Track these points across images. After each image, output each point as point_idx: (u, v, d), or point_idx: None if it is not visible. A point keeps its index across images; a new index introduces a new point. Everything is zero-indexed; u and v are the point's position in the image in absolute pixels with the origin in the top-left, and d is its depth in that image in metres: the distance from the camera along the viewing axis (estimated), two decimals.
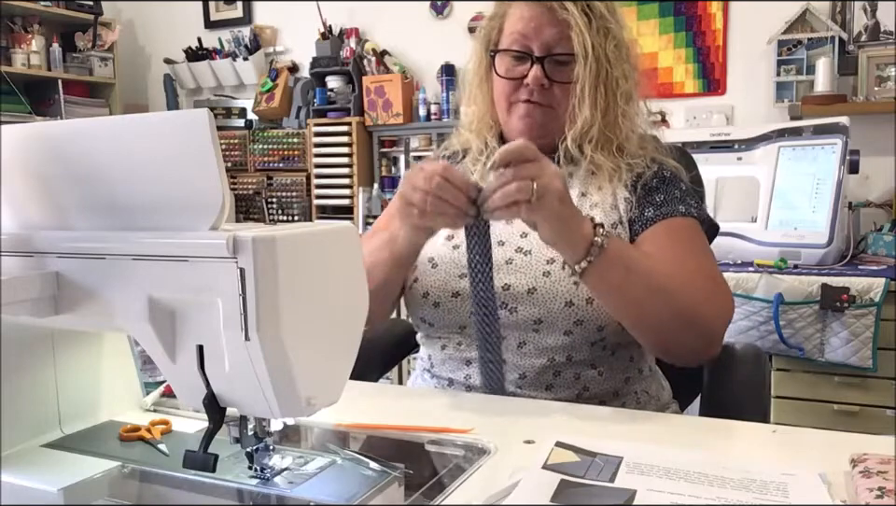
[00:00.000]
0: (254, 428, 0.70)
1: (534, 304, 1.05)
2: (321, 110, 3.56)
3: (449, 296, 1.09)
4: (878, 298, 2.08)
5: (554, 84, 1.12)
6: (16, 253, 0.71)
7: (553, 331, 1.05)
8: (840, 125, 2.36)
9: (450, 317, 1.09)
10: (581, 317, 1.03)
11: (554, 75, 1.12)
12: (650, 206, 1.10)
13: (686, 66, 2.99)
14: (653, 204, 1.10)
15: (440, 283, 1.10)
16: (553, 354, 1.05)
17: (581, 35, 1.09)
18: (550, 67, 1.11)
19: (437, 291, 1.10)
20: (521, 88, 1.13)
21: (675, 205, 1.10)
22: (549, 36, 1.11)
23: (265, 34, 3.83)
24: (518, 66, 1.14)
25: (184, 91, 4.06)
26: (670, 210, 1.09)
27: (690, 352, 1.03)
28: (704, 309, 1.00)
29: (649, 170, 1.13)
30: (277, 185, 3.71)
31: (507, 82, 1.15)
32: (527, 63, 1.12)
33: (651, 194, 1.11)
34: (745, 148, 2.55)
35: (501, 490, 0.66)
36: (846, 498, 0.64)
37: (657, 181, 1.13)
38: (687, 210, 1.10)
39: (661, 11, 3.00)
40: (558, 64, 1.11)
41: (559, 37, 1.10)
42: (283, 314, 0.61)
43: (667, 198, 1.11)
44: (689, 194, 1.13)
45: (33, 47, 3.63)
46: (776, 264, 2.29)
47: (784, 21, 2.77)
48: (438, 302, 1.10)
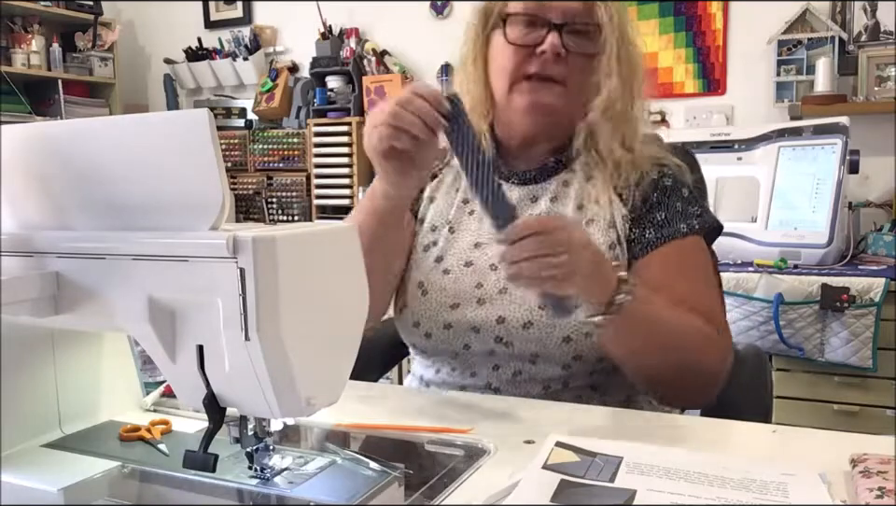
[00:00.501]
0: (254, 428, 0.70)
1: (530, 340, 1.00)
2: (321, 110, 3.55)
3: (441, 328, 1.05)
4: (878, 298, 2.08)
5: (571, 55, 1.01)
6: (16, 253, 0.71)
7: (551, 365, 1.02)
8: (840, 125, 2.36)
9: (443, 347, 1.06)
10: (580, 352, 1.00)
11: (572, 45, 1.02)
12: (650, 227, 1.04)
13: (686, 66, 2.99)
14: (654, 225, 1.04)
15: (431, 313, 1.06)
16: (550, 383, 1.03)
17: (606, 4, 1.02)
18: (568, 37, 1.01)
19: (428, 322, 1.06)
20: (530, 59, 1.03)
21: (676, 224, 1.04)
22: (569, 5, 1.01)
23: (265, 34, 3.83)
24: (531, 34, 1.03)
25: (184, 91, 4.06)
26: (671, 231, 1.03)
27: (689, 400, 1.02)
28: (706, 359, 0.96)
29: (647, 177, 1.06)
30: (277, 185, 3.71)
31: (514, 51, 1.03)
32: (542, 30, 1.02)
33: (653, 212, 1.05)
34: (745, 148, 2.55)
35: (501, 490, 0.66)
36: (846, 499, 0.64)
37: (658, 194, 1.06)
38: (689, 227, 1.04)
39: (661, 11, 3.00)
40: (577, 35, 1.02)
41: (579, 8, 1.02)
42: (283, 314, 0.61)
43: (669, 216, 1.05)
44: (691, 202, 1.07)
45: (33, 47, 3.63)
46: (776, 264, 2.29)
47: (784, 21, 2.77)
48: (429, 332, 1.06)
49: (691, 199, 1.08)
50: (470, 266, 1.07)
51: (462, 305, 1.04)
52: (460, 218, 1.12)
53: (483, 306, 1.03)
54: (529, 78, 1.03)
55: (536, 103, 1.04)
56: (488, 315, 1.03)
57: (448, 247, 1.10)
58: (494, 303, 1.03)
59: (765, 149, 2.50)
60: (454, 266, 1.08)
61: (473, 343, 1.04)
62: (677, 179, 1.08)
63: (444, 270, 1.08)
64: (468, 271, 1.06)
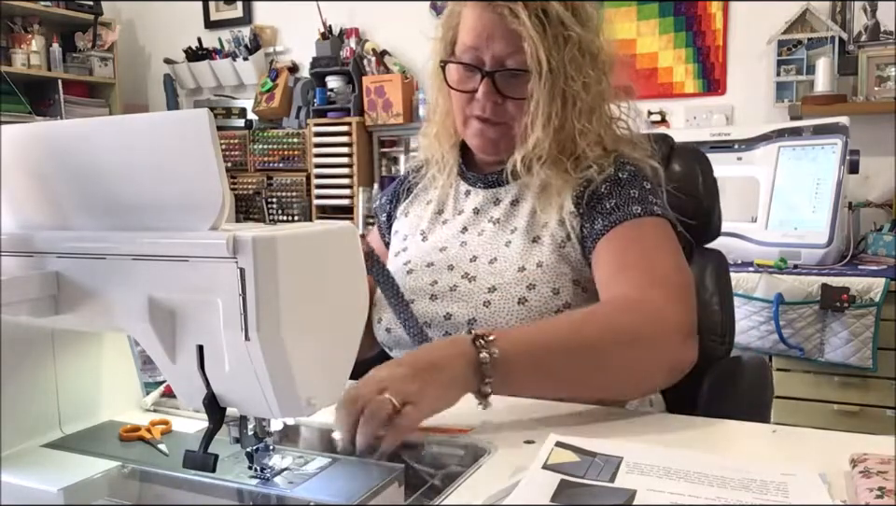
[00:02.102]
0: (254, 428, 0.70)
1: None
2: (321, 110, 3.56)
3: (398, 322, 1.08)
4: (878, 298, 2.08)
5: (508, 99, 1.05)
6: (16, 253, 0.71)
7: None
8: (840, 125, 2.37)
9: (401, 341, 1.09)
10: None
11: (507, 90, 1.05)
12: (599, 217, 1.02)
13: (686, 66, 2.99)
14: (602, 214, 1.02)
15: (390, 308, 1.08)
16: None
17: (534, 46, 1.00)
18: (502, 81, 1.04)
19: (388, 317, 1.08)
20: (472, 102, 1.07)
21: (629, 208, 1.01)
22: (500, 48, 1.03)
23: (265, 34, 3.83)
24: (469, 79, 1.06)
25: (184, 91, 4.07)
26: (621, 216, 1.00)
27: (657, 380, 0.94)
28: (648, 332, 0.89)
29: (601, 175, 1.05)
30: (277, 185, 3.71)
31: (459, 95, 1.08)
32: (477, 76, 1.05)
33: (602, 202, 1.03)
34: (745, 148, 2.55)
35: (501, 490, 0.66)
36: (846, 499, 0.63)
37: (609, 186, 1.04)
38: (646, 209, 1.01)
39: (661, 11, 3.00)
40: (511, 78, 1.04)
41: (512, 49, 1.02)
42: (283, 314, 0.61)
43: (620, 202, 1.02)
44: (654, 193, 1.04)
45: (33, 47, 3.63)
46: (776, 264, 2.29)
47: (784, 21, 2.77)
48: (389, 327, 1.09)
49: (652, 190, 1.05)
50: (431, 266, 1.11)
51: (417, 301, 1.08)
52: (433, 228, 1.17)
53: (434, 302, 1.07)
54: (476, 119, 1.08)
55: (482, 144, 1.10)
56: (438, 311, 1.06)
57: (416, 251, 1.15)
58: (444, 300, 1.06)
59: (765, 149, 2.51)
60: (417, 266, 1.12)
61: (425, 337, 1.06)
62: (636, 173, 1.06)
63: (408, 270, 1.12)
64: (427, 270, 1.10)
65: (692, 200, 1.24)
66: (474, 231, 1.12)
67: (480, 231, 1.11)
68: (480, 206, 1.13)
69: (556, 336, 0.88)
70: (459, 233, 1.13)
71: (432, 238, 1.16)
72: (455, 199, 1.17)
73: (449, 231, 1.14)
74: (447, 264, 1.09)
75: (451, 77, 1.09)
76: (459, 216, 1.15)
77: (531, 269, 1.03)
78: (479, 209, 1.13)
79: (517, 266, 1.04)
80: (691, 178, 1.26)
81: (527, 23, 0.99)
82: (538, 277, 1.02)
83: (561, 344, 0.87)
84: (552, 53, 1.01)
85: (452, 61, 1.09)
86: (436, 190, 1.19)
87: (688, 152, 1.30)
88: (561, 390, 0.88)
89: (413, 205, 1.23)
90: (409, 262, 1.13)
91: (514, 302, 1.01)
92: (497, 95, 1.05)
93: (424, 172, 1.23)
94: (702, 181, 1.26)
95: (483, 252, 1.08)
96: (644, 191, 1.04)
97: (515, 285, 1.02)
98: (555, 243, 1.04)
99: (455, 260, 1.09)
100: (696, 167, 1.27)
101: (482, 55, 1.04)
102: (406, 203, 1.24)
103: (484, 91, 1.04)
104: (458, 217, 1.15)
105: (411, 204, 1.23)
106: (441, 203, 1.18)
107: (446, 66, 1.10)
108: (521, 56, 1.02)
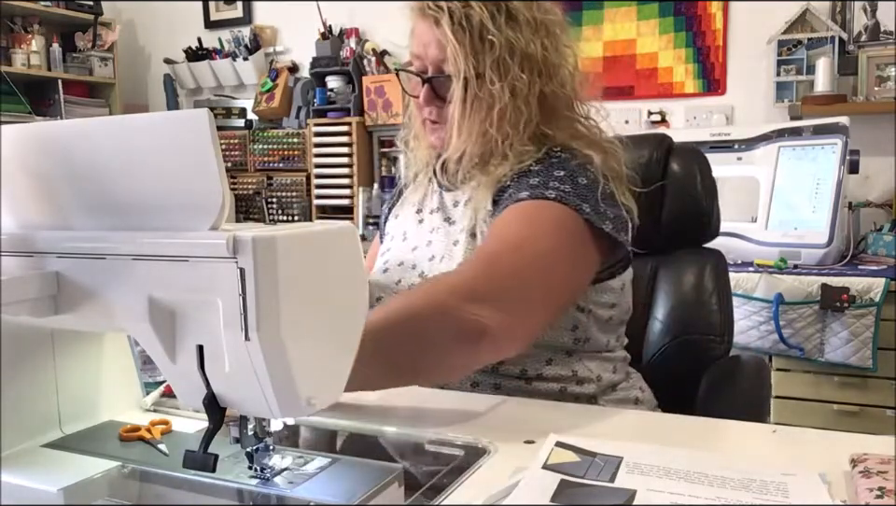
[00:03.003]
0: (254, 428, 0.70)
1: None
2: (321, 110, 3.56)
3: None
4: (878, 298, 2.08)
5: (448, 103, 1.09)
6: (16, 253, 0.71)
7: None
8: (840, 125, 2.37)
9: None
10: None
11: (444, 93, 1.09)
12: (518, 188, 1.02)
13: (686, 66, 2.99)
14: (523, 187, 1.01)
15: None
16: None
17: (453, 52, 1.04)
18: (439, 86, 1.09)
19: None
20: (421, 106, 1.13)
21: (545, 188, 0.98)
22: (434, 55, 1.08)
23: (265, 34, 3.83)
24: (417, 85, 1.13)
25: (184, 91, 4.07)
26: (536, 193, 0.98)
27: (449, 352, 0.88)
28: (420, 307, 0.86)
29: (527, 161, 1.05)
30: (277, 185, 3.71)
31: (415, 101, 1.15)
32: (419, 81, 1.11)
33: (526, 177, 1.03)
34: (745, 148, 2.55)
35: (501, 490, 0.66)
36: (846, 499, 0.63)
37: (539, 166, 1.04)
38: (559, 196, 0.97)
39: (661, 11, 3.00)
40: (447, 82, 1.08)
41: (444, 55, 1.06)
42: (283, 314, 0.61)
43: (542, 180, 1.00)
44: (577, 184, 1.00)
45: (33, 47, 3.63)
46: (776, 264, 2.29)
47: (784, 21, 2.77)
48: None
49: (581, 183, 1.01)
50: (401, 265, 1.16)
51: (383, 299, 1.12)
52: (412, 227, 1.22)
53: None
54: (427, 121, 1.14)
55: (437, 143, 1.14)
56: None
57: (395, 251, 1.20)
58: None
59: (765, 149, 2.51)
60: (391, 265, 1.17)
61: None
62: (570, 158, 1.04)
63: (384, 269, 1.17)
64: (398, 269, 1.15)
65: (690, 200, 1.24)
66: (435, 231, 1.16)
67: (436, 228, 1.16)
68: (441, 206, 1.18)
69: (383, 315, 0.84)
70: (428, 233, 1.17)
71: (409, 238, 1.20)
72: (430, 199, 1.21)
73: (421, 231, 1.19)
74: (412, 263, 1.14)
75: (405, 85, 1.16)
76: (431, 215, 1.19)
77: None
78: (440, 209, 1.18)
79: (458, 262, 1.07)
80: (689, 178, 1.27)
81: (447, 31, 1.03)
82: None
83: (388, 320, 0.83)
84: (475, 59, 1.03)
85: (401, 69, 1.16)
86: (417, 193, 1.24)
87: (686, 152, 1.30)
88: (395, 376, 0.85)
89: (402, 207, 1.27)
90: (387, 262, 1.18)
91: None
92: (436, 99, 1.10)
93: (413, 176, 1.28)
94: (700, 181, 1.27)
95: (438, 252, 1.13)
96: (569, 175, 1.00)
97: None
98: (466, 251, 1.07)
99: (418, 259, 1.14)
100: (695, 167, 1.28)
101: (424, 62, 1.10)
102: (398, 206, 1.29)
103: (424, 95, 1.10)
104: (430, 216, 1.19)
105: (401, 207, 1.27)
106: (420, 202, 1.22)
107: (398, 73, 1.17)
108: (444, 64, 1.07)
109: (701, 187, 1.27)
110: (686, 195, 1.25)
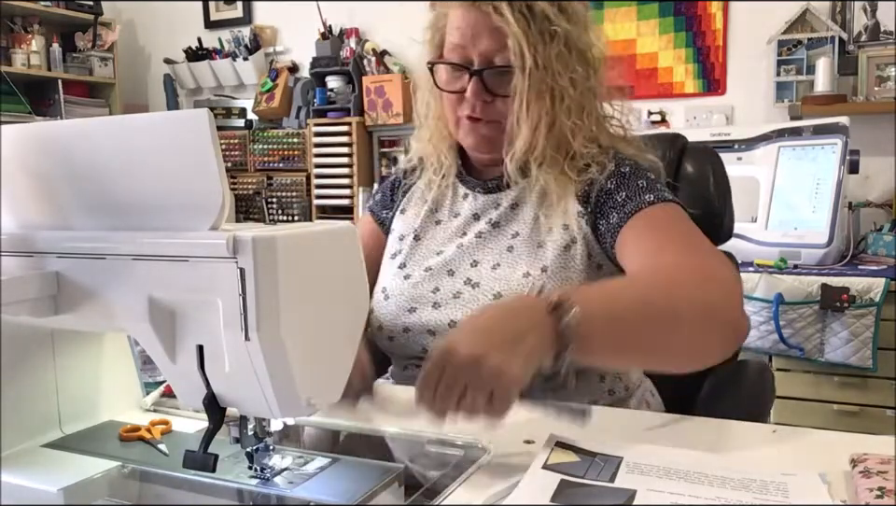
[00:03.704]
0: (254, 428, 0.70)
1: None
2: (321, 110, 3.55)
3: (400, 331, 1.07)
4: (878, 298, 2.08)
5: (497, 97, 1.04)
6: (16, 253, 0.71)
7: None
8: (840, 125, 2.36)
9: (404, 350, 1.09)
10: None
11: (495, 87, 1.03)
12: (613, 211, 1.01)
13: (686, 66, 2.99)
14: (616, 207, 1.01)
15: (391, 317, 1.08)
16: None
17: (517, 43, 0.99)
18: (490, 79, 1.03)
19: (389, 325, 1.08)
20: (462, 102, 1.06)
21: (641, 197, 1.00)
22: (486, 46, 1.02)
23: (265, 34, 3.83)
24: (458, 79, 1.06)
25: (184, 91, 4.06)
26: (635, 205, 1.00)
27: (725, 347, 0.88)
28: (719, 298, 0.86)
29: (603, 172, 1.04)
30: (277, 185, 3.71)
31: (449, 96, 1.07)
32: (465, 75, 1.04)
33: (612, 196, 1.02)
34: (745, 148, 2.55)
35: (501, 490, 0.66)
36: (846, 499, 0.64)
37: (615, 180, 1.03)
38: (657, 197, 1.00)
39: (661, 11, 3.00)
40: (499, 75, 1.02)
41: (498, 46, 1.01)
42: (283, 314, 0.61)
43: (630, 194, 1.01)
44: (658, 182, 1.04)
45: (33, 47, 3.63)
46: (776, 264, 2.29)
47: (784, 21, 2.77)
48: (391, 336, 1.09)
49: (658, 181, 1.05)
50: (429, 271, 1.09)
51: (419, 309, 1.06)
52: (426, 227, 1.15)
53: (438, 310, 1.05)
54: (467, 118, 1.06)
55: (475, 142, 1.08)
56: (442, 318, 1.04)
57: (412, 254, 1.13)
58: (448, 307, 1.04)
59: (765, 149, 2.51)
60: (414, 271, 1.10)
61: (430, 345, 1.04)
62: (638, 167, 1.06)
63: (405, 275, 1.10)
64: (426, 276, 1.09)
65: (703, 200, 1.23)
66: (471, 234, 1.10)
67: (477, 233, 1.09)
68: (479, 210, 1.12)
69: (633, 302, 0.82)
70: (455, 236, 1.11)
71: (425, 239, 1.14)
72: (453, 201, 1.16)
73: (444, 234, 1.13)
74: (447, 269, 1.08)
75: (440, 79, 1.09)
76: (455, 218, 1.14)
77: (536, 274, 1.01)
78: (478, 214, 1.12)
79: (522, 271, 1.02)
80: (702, 178, 1.25)
81: (511, 20, 0.99)
82: (543, 283, 1.00)
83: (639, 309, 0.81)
84: (537, 49, 1.00)
85: (439, 61, 1.08)
86: (432, 192, 1.17)
87: (699, 152, 1.29)
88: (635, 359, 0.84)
89: (409, 202, 1.21)
90: (404, 266, 1.11)
91: None
92: (486, 94, 1.04)
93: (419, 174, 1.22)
94: (713, 181, 1.25)
95: (484, 257, 1.07)
96: (650, 181, 1.03)
97: (520, 291, 1.01)
98: (559, 247, 1.02)
99: (455, 264, 1.08)
100: (708, 167, 1.26)
101: (469, 53, 1.03)
102: (404, 201, 1.22)
103: (473, 89, 1.03)
104: (454, 219, 1.14)
105: (408, 203, 1.21)
106: (437, 202, 1.17)
107: (434, 67, 1.09)
108: (507, 53, 1.01)
109: (714, 187, 1.25)
110: (699, 196, 1.23)
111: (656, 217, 0.99)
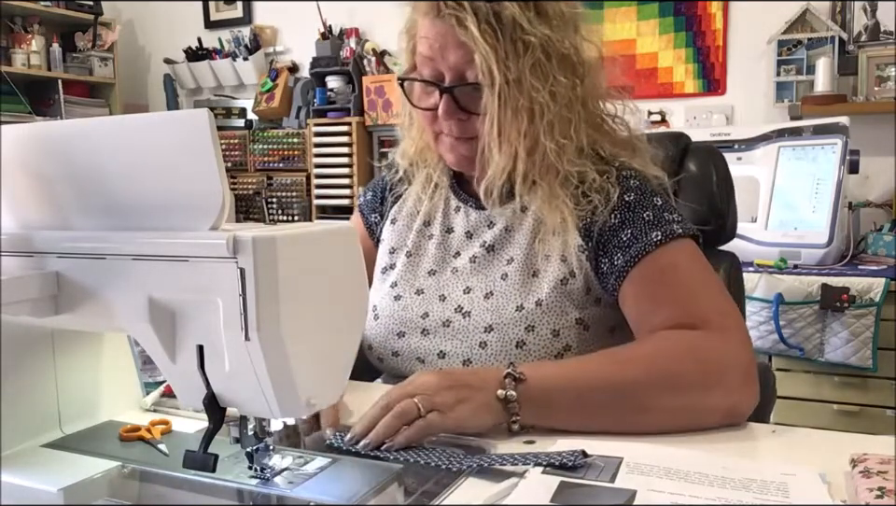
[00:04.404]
0: (254, 428, 0.70)
1: None
2: (321, 110, 3.55)
3: (390, 354, 1.05)
4: (878, 298, 2.08)
5: (472, 115, 0.96)
6: (16, 253, 0.71)
7: None
8: (840, 125, 2.37)
9: (394, 371, 1.06)
10: None
11: (469, 105, 0.95)
12: (617, 251, 0.94)
13: (686, 66, 2.99)
14: (621, 247, 0.94)
15: (381, 338, 1.05)
16: None
17: (483, 60, 0.90)
18: (463, 96, 0.95)
19: (379, 347, 1.06)
20: (436, 119, 0.98)
21: (647, 236, 0.93)
22: (455, 60, 0.93)
23: (265, 34, 3.83)
24: (430, 95, 0.98)
25: (184, 91, 4.07)
26: (641, 247, 0.92)
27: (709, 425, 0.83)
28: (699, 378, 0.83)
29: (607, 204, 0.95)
30: (277, 185, 3.71)
31: (423, 113, 1.00)
32: (436, 92, 0.96)
33: (617, 234, 0.95)
34: (745, 148, 2.55)
35: (501, 490, 0.66)
36: (846, 499, 0.64)
37: (619, 214, 0.95)
38: (665, 234, 0.93)
39: (661, 11, 3.00)
40: (474, 91, 0.94)
41: (467, 59, 0.92)
42: (283, 314, 0.61)
43: (636, 232, 0.94)
44: (666, 209, 0.96)
45: (33, 47, 3.63)
46: (776, 264, 2.29)
47: (784, 21, 2.77)
48: (381, 357, 1.07)
49: (665, 206, 0.97)
50: (420, 294, 1.05)
51: (408, 334, 1.03)
52: (419, 243, 1.10)
53: (427, 337, 1.02)
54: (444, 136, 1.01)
55: (456, 160, 1.02)
56: (431, 347, 1.01)
57: (404, 273, 1.08)
58: (437, 336, 1.01)
59: (765, 149, 2.51)
60: (405, 293, 1.06)
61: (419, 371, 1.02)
62: (643, 191, 0.97)
63: (396, 296, 1.06)
64: (417, 299, 1.05)
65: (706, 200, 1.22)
66: (465, 257, 1.05)
67: (471, 257, 1.04)
68: (472, 229, 1.06)
69: (598, 376, 0.83)
70: (449, 256, 1.06)
71: (418, 256, 1.09)
72: (445, 214, 1.10)
73: (437, 251, 1.08)
74: (438, 294, 1.03)
75: (412, 95, 1.02)
76: (448, 234, 1.08)
77: (530, 308, 0.96)
78: (471, 232, 1.06)
79: (515, 304, 0.97)
80: (705, 178, 1.24)
81: (475, 33, 0.89)
82: (537, 318, 0.95)
83: (603, 384, 0.82)
84: (507, 64, 0.91)
85: (409, 77, 1.01)
86: (423, 204, 1.11)
87: (703, 151, 1.28)
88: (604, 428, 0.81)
89: (400, 212, 1.15)
90: (396, 285, 1.07)
91: (512, 344, 0.95)
92: (459, 112, 0.96)
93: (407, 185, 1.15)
94: (716, 181, 1.24)
95: (478, 284, 1.01)
96: (657, 210, 0.96)
97: (513, 326, 0.96)
98: (556, 279, 0.96)
99: (447, 289, 1.03)
100: (711, 167, 1.25)
101: (439, 67, 0.96)
102: (394, 210, 1.16)
103: (444, 108, 0.96)
104: (447, 235, 1.08)
105: (399, 211, 1.15)
106: (429, 215, 1.11)
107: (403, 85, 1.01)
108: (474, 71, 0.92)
109: (717, 187, 1.24)
110: (702, 195, 1.22)
111: (659, 267, 0.92)
